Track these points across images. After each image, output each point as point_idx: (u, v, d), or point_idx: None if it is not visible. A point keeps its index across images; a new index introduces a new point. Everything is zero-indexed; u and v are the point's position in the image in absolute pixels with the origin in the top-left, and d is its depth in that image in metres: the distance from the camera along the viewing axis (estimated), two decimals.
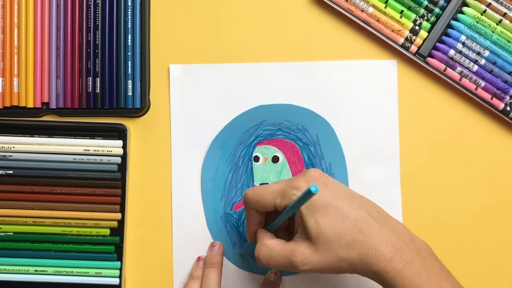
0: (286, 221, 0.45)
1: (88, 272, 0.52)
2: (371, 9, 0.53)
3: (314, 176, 0.43)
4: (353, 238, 0.40)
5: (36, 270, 0.52)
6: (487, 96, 0.53)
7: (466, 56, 0.53)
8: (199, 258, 0.53)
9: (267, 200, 0.43)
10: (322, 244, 0.41)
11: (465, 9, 0.53)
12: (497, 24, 0.53)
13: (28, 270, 0.52)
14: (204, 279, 0.51)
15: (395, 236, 0.41)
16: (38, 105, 0.54)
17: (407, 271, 0.39)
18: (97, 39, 0.54)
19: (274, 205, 0.43)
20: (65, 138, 0.52)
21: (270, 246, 0.43)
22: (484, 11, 0.53)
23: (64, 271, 0.52)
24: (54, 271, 0.52)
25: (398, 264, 0.39)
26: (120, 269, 0.52)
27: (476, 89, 0.53)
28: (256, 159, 0.54)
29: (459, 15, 0.53)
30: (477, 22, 0.53)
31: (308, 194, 0.38)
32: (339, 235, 0.40)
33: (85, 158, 0.52)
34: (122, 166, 0.53)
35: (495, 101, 0.53)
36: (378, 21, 0.53)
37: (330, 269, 0.41)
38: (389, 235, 0.40)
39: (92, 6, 0.54)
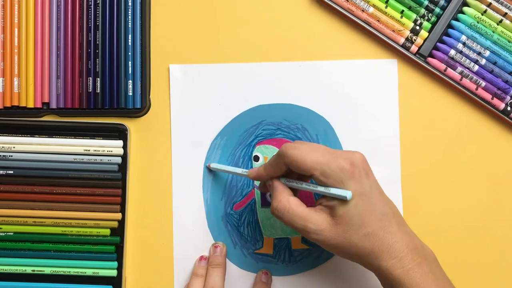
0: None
1: (85, 272, 0.52)
2: (371, 9, 0.53)
3: (358, 162, 0.42)
4: (373, 231, 0.41)
5: (35, 270, 0.52)
6: (488, 96, 0.53)
7: (467, 56, 0.53)
8: (201, 257, 0.53)
9: (307, 168, 0.42)
10: (342, 225, 0.41)
11: (465, 9, 0.53)
12: (497, 24, 0.53)
13: (30, 270, 0.52)
14: (208, 278, 0.51)
15: (410, 239, 0.42)
16: (39, 105, 0.54)
17: (416, 272, 0.40)
18: (97, 39, 0.54)
19: (310, 175, 0.43)
20: (65, 138, 0.52)
21: (292, 204, 0.43)
22: (485, 11, 0.53)
23: (66, 271, 0.52)
24: (51, 271, 0.52)
25: (407, 264, 0.40)
26: (121, 269, 0.52)
27: (476, 89, 0.53)
28: (256, 158, 0.54)
29: (460, 15, 0.53)
30: (478, 22, 0.53)
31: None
32: (361, 224, 0.41)
33: (85, 158, 0.52)
34: (123, 166, 0.53)
35: (495, 101, 0.53)
36: (378, 21, 0.53)
37: (337, 249, 0.42)
38: (405, 237, 0.42)
39: (92, 6, 0.54)
